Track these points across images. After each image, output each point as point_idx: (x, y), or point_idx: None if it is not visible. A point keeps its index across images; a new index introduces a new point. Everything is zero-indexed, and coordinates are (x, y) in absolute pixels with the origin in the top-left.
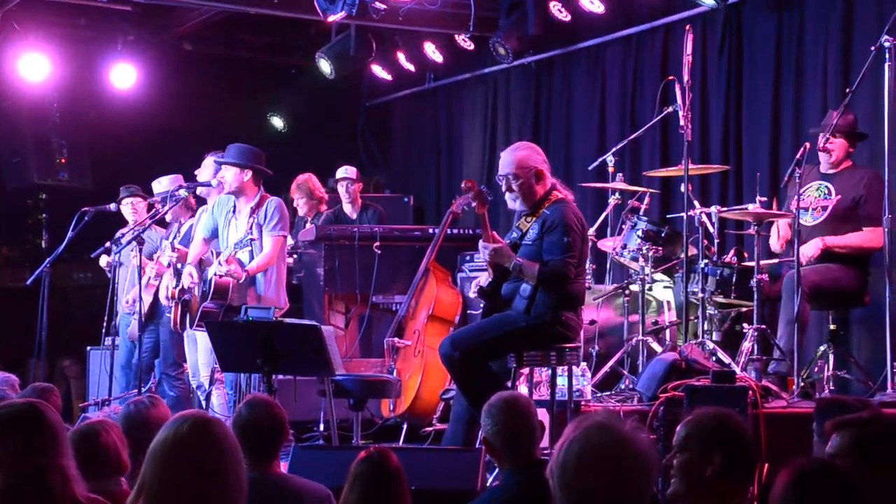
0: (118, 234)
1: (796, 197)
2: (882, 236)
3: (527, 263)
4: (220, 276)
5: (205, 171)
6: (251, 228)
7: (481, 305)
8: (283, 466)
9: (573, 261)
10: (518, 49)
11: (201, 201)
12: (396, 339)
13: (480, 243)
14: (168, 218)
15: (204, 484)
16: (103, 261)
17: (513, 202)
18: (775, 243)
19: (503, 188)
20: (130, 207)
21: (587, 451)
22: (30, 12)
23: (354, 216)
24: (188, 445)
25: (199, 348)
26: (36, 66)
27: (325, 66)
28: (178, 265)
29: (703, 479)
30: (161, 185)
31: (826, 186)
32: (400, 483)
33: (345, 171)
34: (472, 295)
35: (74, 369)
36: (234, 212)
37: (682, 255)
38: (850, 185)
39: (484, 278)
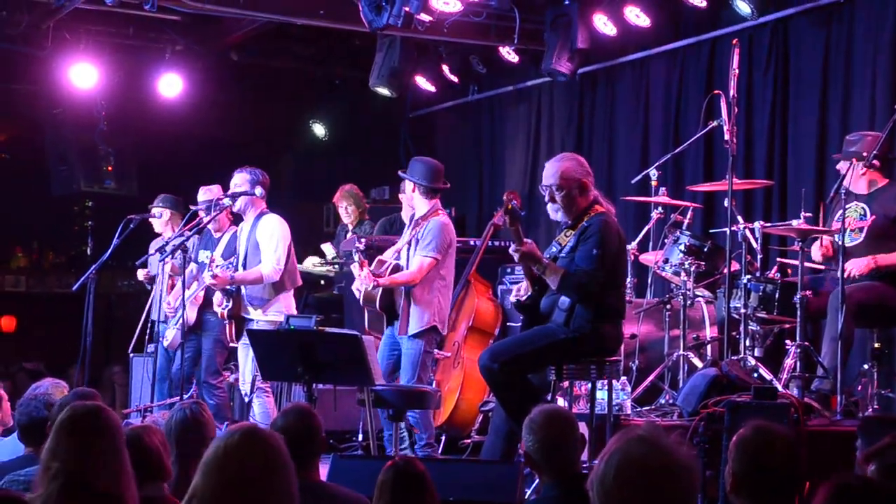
0: (154, 248)
1: (838, 216)
2: None
3: (553, 267)
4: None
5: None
6: (409, 243)
7: (521, 318)
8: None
9: (599, 274)
10: (571, 69)
11: (238, 218)
12: (436, 351)
13: (511, 248)
14: (211, 227)
15: (253, 495)
16: (140, 274)
17: (555, 213)
18: (816, 252)
19: (546, 199)
20: (167, 217)
21: (627, 463)
22: (80, 22)
23: None
24: (239, 457)
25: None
26: (85, 75)
27: (385, 91)
28: (229, 288)
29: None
30: (211, 192)
31: (862, 207)
32: (427, 491)
33: None
34: (508, 306)
35: (122, 377)
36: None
37: (725, 271)
38: (884, 203)
39: (522, 290)
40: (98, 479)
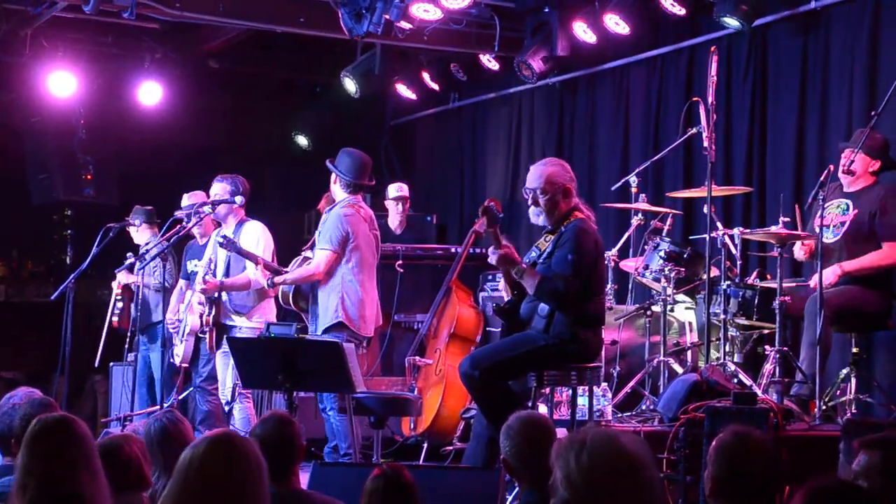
0: (142, 252)
1: (819, 215)
2: None
3: (530, 271)
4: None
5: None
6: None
7: (501, 323)
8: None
9: (575, 280)
10: (543, 70)
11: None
12: (418, 358)
13: (490, 250)
14: (197, 233)
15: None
16: (123, 278)
17: (536, 217)
18: (798, 250)
19: (529, 202)
20: (135, 231)
21: (593, 462)
22: (58, 30)
23: (399, 232)
24: (204, 466)
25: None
26: (63, 83)
27: (351, 85)
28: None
29: None
30: (195, 197)
31: (846, 203)
32: (413, 499)
33: (398, 190)
34: (490, 313)
35: (105, 384)
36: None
37: (705, 277)
38: (868, 201)
39: (504, 294)
40: (74, 488)
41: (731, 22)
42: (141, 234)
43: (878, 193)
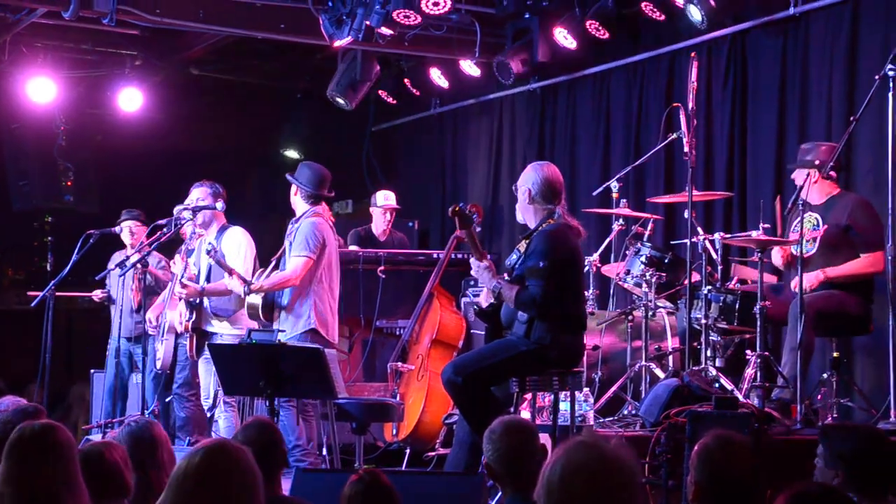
0: (117, 260)
1: (795, 226)
2: (881, 260)
3: (506, 287)
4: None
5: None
6: (285, 248)
7: (484, 326)
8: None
9: (547, 288)
10: (521, 72)
11: None
12: (400, 364)
13: (472, 261)
14: (188, 233)
15: None
16: (97, 294)
17: (520, 215)
18: (777, 256)
19: (518, 199)
20: (128, 231)
21: (569, 468)
22: (38, 36)
23: (384, 239)
24: (200, 475)
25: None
26: (43, 90)
27: (341, 101)
28: (192, 300)
29: None
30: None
31: (815, 217)
32: (393, 502)
33: (385, 199)
34: (471, 318)
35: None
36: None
37: (686, 282)
38: (836, 213)
39: (483, 299)
40: (50, 499)
41: (695, 13)
42: (137, 235)
43: (845, 205)
